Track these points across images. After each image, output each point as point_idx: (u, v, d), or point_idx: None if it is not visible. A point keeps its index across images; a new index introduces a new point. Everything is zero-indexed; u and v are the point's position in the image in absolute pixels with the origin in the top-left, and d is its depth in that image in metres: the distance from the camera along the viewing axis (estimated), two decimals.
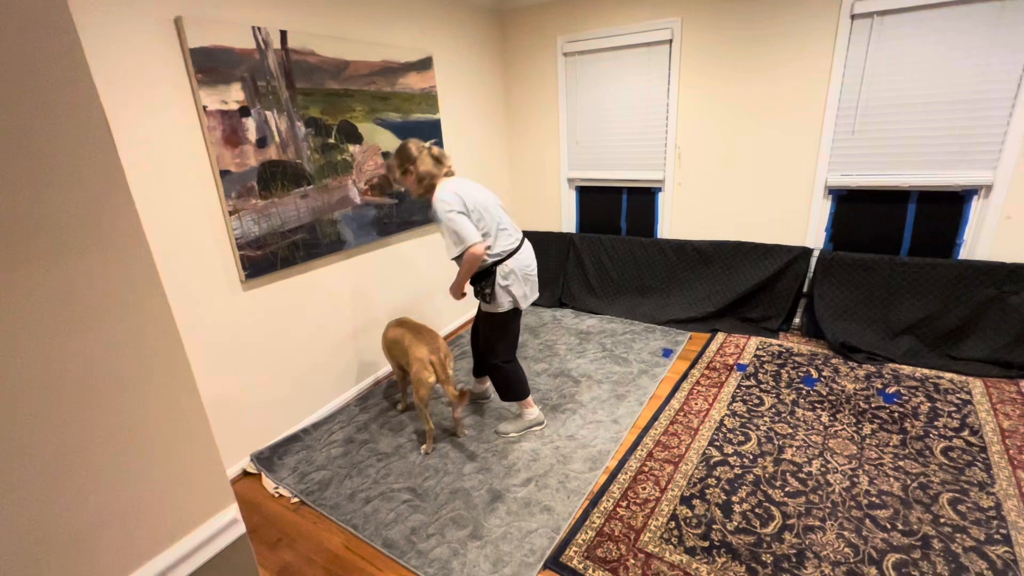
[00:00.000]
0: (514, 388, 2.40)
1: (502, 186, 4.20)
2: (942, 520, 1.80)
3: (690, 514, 1.89)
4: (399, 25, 2.92)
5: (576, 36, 3.61)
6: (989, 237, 2.78)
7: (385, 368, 3.15)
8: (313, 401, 2.70)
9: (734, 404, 2.57)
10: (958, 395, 2.53)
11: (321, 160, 2.50)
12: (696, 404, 2.60)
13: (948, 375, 2.71)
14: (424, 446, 2.36)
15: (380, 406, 2.77)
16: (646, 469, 2.15)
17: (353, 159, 2.67)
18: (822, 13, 2.84)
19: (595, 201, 4.07)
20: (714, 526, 1.83)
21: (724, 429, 2.38)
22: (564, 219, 4.19)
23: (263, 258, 2.30)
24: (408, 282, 3.26)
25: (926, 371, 2.77)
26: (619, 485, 2.07)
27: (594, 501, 1.99)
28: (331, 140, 2.54)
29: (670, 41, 3.30)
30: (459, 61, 3.46)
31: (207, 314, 2.14)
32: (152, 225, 1.91)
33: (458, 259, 2.10)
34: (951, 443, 2.19)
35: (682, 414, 2.52)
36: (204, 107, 1.99)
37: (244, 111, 2.14)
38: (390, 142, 2.88)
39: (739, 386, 2.73)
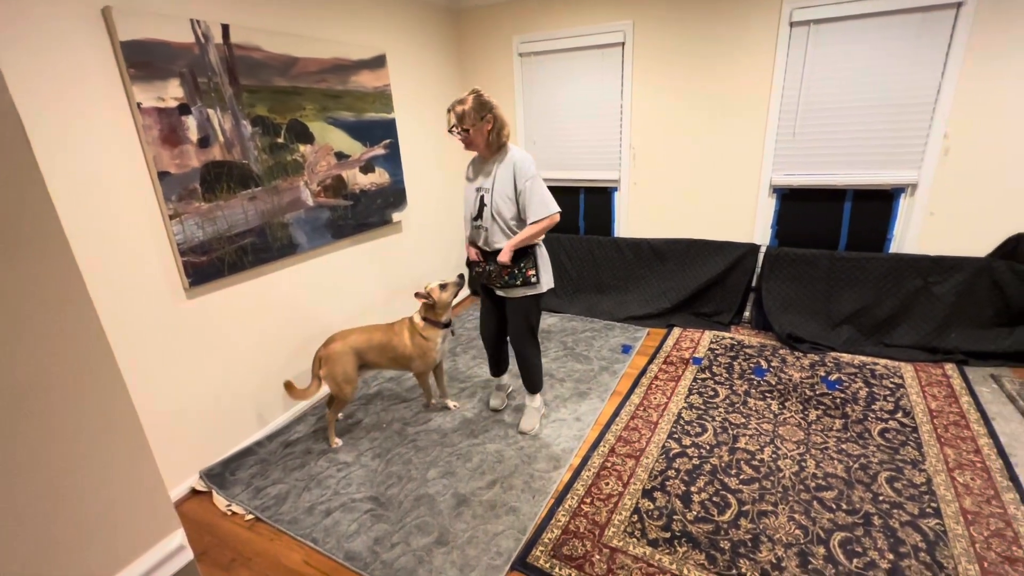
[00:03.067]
0: (541, 376, 2.46)
1: (460, 186, 4.16)
2: (881, 498, 1.92)
3: (652, 506, 1.94)
4: (350, 22, 2.84)
5: (531, 37, 3.63)
6: (915, 232, 3.00)
7: None
8: (267, 412, 2.59)
9: (691, 397, 2.65)
10: (892, 379, 2.71)
11: (270, 161, 2.40)
12: (655, 398, 2.66)
13: (883, 361, 2.91)
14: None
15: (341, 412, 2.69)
16: (608, 465, 2.19)
17: (304, 159, 2.58)
18: (764, 21, 2.98)
19: None
20: (675, 517, 1.88)
21: (682, 422, 2.45)
22: None
23: (208, 264, 2.18)
24: (366, 286, 3.18)
25: (864, 358, 2.95)
26: (583, 482, 2.09)
27: (559, 499, 2.01)
28: (280, 140, 2.44)
29: (623, 44, 3.37)
30: (414, 60, 3.40)
31: (149, 324, 2.01)
32: (83, 231, 1.77)
33: (515, 226, 2.17)
34: (887, 424, 2.35)
35: (642, 409, 2.58)
36: (138, 104, 1.86)
37: (184, 109, 2.02)
38: (343, 142, 2.80)
39: (695, 379, 2.83)
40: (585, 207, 3.99)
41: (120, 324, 1.91)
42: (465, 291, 4.42)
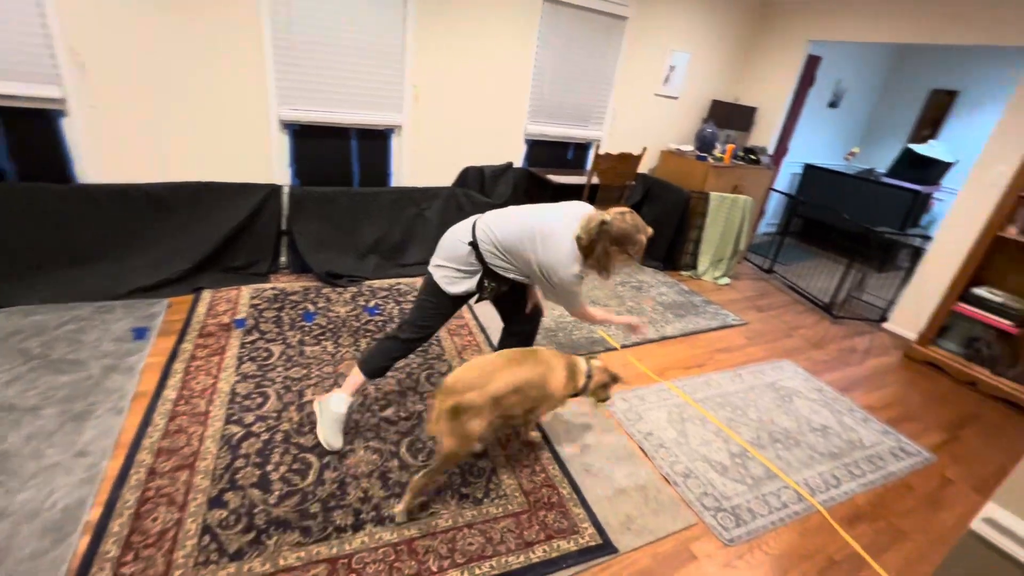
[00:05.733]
0: None
1: None
2: (423, 393, 2.32)
3: (225, 514, 1.62)
4: None
5: None
6: (408, 168, 3.57)
7: None
8: None
9: (243, 366, 2.33)
10: (412, 295, 3.27)
11: None
12: (199, 383, 2.19)
13: (404, 280, 3.45)
14: None
15: None
16: (151, 493, 1.65)
17: None
18: None
19: None
20: (256, 510, 1.65)
21: (239, 398, 2.13)
22: None
23: None
24: None
25: (390, 281, 3.41)
26: (115, 537, 1.50)
27: None
28: None
29: None
30: None
31: None
32: None
33: None
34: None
35: (184, 402, 2.07)
36: None
37: None
38: None
39: (243, 344, 2.49)
40: (8, 138, 2.59)
41: None
42: None
